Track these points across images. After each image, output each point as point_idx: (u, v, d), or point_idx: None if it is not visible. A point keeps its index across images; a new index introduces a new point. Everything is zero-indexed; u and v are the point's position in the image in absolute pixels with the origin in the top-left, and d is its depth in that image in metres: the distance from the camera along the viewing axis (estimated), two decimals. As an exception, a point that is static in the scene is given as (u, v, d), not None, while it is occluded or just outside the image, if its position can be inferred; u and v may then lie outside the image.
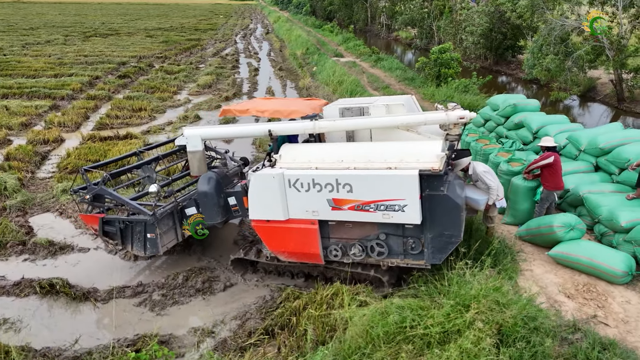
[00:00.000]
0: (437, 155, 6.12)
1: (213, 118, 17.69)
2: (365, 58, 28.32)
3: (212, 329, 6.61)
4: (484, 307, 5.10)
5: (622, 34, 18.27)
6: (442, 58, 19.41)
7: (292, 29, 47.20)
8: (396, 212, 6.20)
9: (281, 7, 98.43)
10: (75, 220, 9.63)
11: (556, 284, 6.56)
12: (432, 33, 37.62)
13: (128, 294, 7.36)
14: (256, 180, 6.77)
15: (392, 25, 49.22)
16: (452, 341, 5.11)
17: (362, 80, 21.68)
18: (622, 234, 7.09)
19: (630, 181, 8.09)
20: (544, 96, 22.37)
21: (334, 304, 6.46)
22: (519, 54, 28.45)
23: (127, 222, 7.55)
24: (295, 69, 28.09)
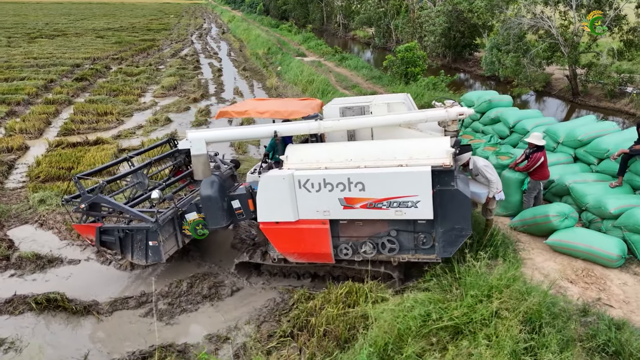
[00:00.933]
0: (446, 151, 6.29)
1: (185, 120, 17.30)
2: (329, 57, 28.46)
3: (227, 335, 6.50)
4: (507, 296, 5.31)
5: (575, 32, 19.33)
6: (409, 56, 19.83)
7: (249, 28, 46.73)
8: (409, 208, 6.32)
9: (233, 6, 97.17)
10: (59, 232, 9.18)
11: (557, 270, 6.90)
12: (390, 32, 38.35)
13: (132, 305, 7.11)
14: (265, 182, 6.72)
15: (348, 24, 49.74)
16: (477, 331, 5.29)
17: (330, 79, 21.79)
18: (610, 220, 7.54)
19: (610, 170, 8.60)
20: (501, 92, 23.29)
21: (349, 302, 6.51)
22: (476, 52, 29.47)
23: (127, 231, 7.29)
24: (259, 69, 27.87)
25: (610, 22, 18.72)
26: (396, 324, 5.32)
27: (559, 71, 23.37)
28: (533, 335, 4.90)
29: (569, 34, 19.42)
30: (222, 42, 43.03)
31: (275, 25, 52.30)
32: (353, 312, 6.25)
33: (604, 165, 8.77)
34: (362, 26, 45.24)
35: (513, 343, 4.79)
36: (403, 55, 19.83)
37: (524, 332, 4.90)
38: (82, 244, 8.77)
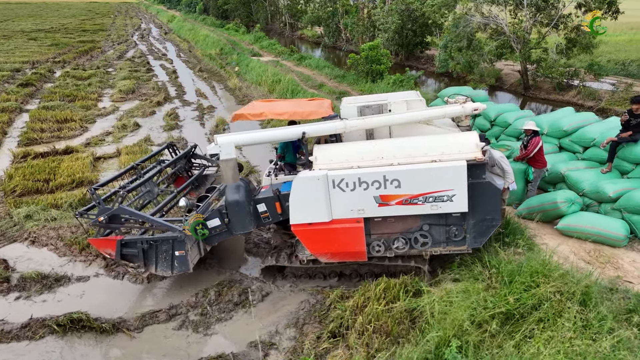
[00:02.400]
0: (477, 145, 6.56)
1: (154, 124, 16.67)
2: (286, 57, 28.38)
3: (270, 340, 6.41)
4: (555, 280, 5.65)
5: (526, 29, 20.56)
6: (373, 55, 20.22)
7: (195, 28, 45.58)
8: (444, 202, 6.53)
9: (168, 5, 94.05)
10: (56, 248, 8.61)
11: (571, 253, 7.39)
12: (340, 31, 38.83)
13: (162, 319, 6.83)
14: (299, 183, 6.69)
15: (295, 23, 49.79)
16: (527, 315, 5.60)
17: (294, 78, 21.75)
18: (609, 204, 8.17)
19: (596, 157, 9.29)
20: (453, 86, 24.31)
21: (389, 298, 6.62)
22: (427, 50, 30.52)
23: (152, 242, 6.97)
24: (216, 69, 27.29)
25: (557, 21, 20.14)
26: (458, 314, 5.49)
27: (508, 67, 24.76)
28: (588, 314, 5.24)
29: (520, 31, 20.61)
30: (168, 43, 41.66)
31: (220, 25, 51.30)
32: (397, 306, 6.38)
33: (589, 153, 9.45)
34: (310, 25, 45.47)
35: (572, 323, 5.09)
36: (367, 54, 20.18)
37: (579, 312, 5.23)
38: (85, 260, 8.28)
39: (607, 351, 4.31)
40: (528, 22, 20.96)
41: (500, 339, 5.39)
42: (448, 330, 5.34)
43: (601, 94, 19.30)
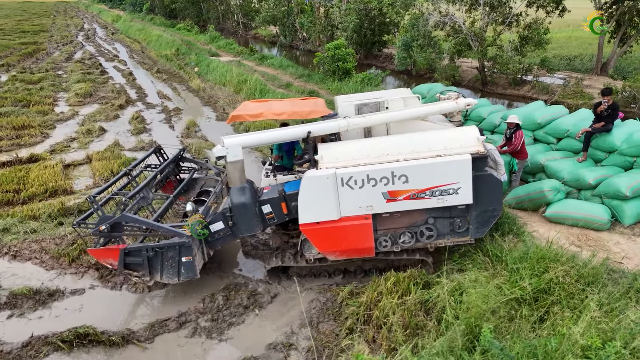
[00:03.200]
0: (478, 138, 6.82)
1: (120, 129, 16.07)
2: (246, 57, 28.09)
3: (287, 341, 6.40)
4: (563, 264, 5.98)
5: (482, 27, 21.43)
6: (339, 54, 20.40)
7: (145, 29, 44.11)
8: (450, 195, 6.75)
9: (110, 5, 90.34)
10: (41, 262, 8.15)
11: (562, 237, 7.82)
12: (296, 30, 38.83)
13: (172, 327, 6.64)
14: (308, 183, 6.70)
15: (248, 23, 49.28)
16: (540, 299, 5.90)
17: (260, 78, 21.58)
18: (589, 190, 8.70)
19: (570, 147, 9.86)
20: (414, 83, 24.97)
21: (400, 291, 6.76)
22: (384, 48, 31.10)
23: (157, 249, 6.75)
24: (174, 70, 26.60)
25: (511, 20, 21.13)
26: (478, 302, 5.70)
27: (465, 64, 25.68)
28: (596, 296, 5.59)
29: (477, 29, 21.46)
30: (117, 44, 40.11)
31: (170, 25, 49.93)
32: (410, 299, 6.53)
33: (563, 143, 10.01)
34: (264, 25, 45.16)
35: (595, 303, 5.38)
36: (333, 53, 20.33)
37: (591, 292, 5.58)
38: (76, 272, 7.91)
39: (633, 325, 4.62)
40: (484, 21, 21.85)
41: (516, 324, 5.64)
42: (472, 318, 5.53)
43: (553, 88, 20.41)
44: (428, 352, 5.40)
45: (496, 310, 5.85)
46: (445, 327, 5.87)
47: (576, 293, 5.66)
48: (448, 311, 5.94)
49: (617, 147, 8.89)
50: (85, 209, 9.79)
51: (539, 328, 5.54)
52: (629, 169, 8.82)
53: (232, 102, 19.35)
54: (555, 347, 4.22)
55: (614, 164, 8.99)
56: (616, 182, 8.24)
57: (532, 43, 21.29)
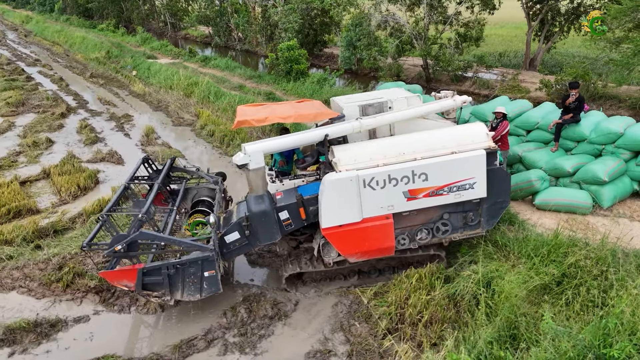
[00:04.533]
0: (487, 134, 7.14)
1: (69, 139, 14.91)
2: (187, 58, 27.08)
3: (324, 348, 6.31)
4: (581, 249, 6.43)
5: (425, 26, 22.31)
6: (292, 55, 20.30)
7: (64, 30, 41.13)
8: (466, 190, 7.01)
9: (14, 5, 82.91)
10: (29, 290, 7.39)
11: (554, 223, 8.37)
12: (230, 30, 38.08)
13: (201, 347, 6.30)
14: (330, 186, 6.65)
15: (177, 23, 47.51)
16: (562, 283, 6.32)
17: (210, 81, 20.91)
18: (567, 178, 9.38)
19: (540, 139, 10.55)
20: (360, 82, 25.48)
21: (424, 286, 6.91)
22: (325, 48, 31.37)
23: (179, 266, 6.36)
24: (111, 74, 25.04)
25: (450, 19, 22.21)
26: (515, 291, 5.96)
27: (407, 62, 26.52)
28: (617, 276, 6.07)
29: (420, 28, 22.30)
30: (34, 47, 37.00)
31: (90, 26, 46.90)
32: (437, 294, 6.69)
33: (533, 135, 10.70)
34: (195, 25, 43.77)
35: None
36: (287, 54, 20.19)
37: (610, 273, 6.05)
38: (73, 298, 7.25)
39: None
40: (425, 20, 22.75)
41: (546, 308, 5.99)
42: (515, 307, 5.78)
43: (493, 83, 21.72)
44: (474, 343, 5.58)
45: (525, 298, 6.19)
46: (481, 318, 6.09)
47: (598, 275, 6.11)
48: (482, 303, 6.17)
49: (586, 137, 9.65)
50: (60, 228, 9.05)
51: (569, 310, 5.93)
52: (598, 156, 9.63)
53: (185, 106, 18.63)
54: (628, 326, 4.51)
55: (584, 152, 9.74)
56: (593, 169, 8.95)
57: (470, 41, 22.53)
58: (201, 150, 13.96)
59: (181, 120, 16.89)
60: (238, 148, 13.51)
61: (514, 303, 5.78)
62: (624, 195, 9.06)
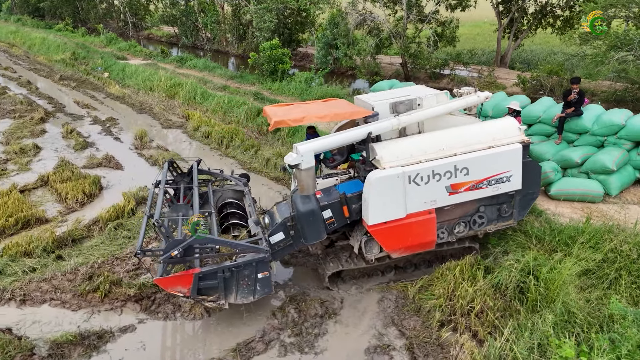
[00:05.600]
0: (519, 128, 7.42)
1: (57, 145, 14.28)
2: (161, 59, 26.39)
3: (381, 343, 6.39)
4: (616, 235, 6.80)
5: (404, 25, 22.73)
6: (276, 54, 20.19)
7: (19, 31, 39.11)
8: (504, 183, 7.26)
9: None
10: (62, 302, 7.06)
11: (572, 212, 8.80)
12: (198, 30, 37.40)
13: (260, 349, 6.24)
14: (377, 183, 6.73)
15: (139, 23, 46.13)
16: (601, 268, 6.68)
17: (193, 82, 20.47)
18: (575, 169, 9.85)
19: (542, 132, 11.04)
20: (334, 81, 25.56)
21: (466, 277, 7.11)
22: (299, 47, 31.34)
23: (234, 268, 6.25)
24: (82, 77, 24.06)
25: (429, 18, 22.72)
26: (567, 278, 6.24)
27: (384, 60, 26.92)
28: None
29: (400, 27, 22.70)
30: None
31: (46, 26, 44.83)
32: (482, 284, 6.91)
33: (535, 128, 11.17)
34: (158, 25, 42.72)
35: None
36: (270, 54, 20.05)
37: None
38: (112, 307, 6.99)
39: None
40: (405, 19, 23.17)
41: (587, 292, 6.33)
42: (570, 293, 6.06)
43: (470, 80, 22.39)
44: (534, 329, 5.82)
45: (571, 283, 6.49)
46: (532, 305, 6.35)
47: (636, 258, 6.49)
48: (532, 290, 6.42)
49: (589, 129, 10.16)
50: (78, 237, 8.70)
51: (613, 291, 6.29)
52: (600, 147, 10.16)
53: (170, 108, 18.21)
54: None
55: (587, 144, 10.26)
56: (602, 159, 9.45)
57: (446, 39, 23.15)
58: (199, 152, 13.68)
59: (170, 123, 16.48)
60: (238, 149, 13.41)
61: (569, 290, 6.05)
62: (628, 183, 9.62)
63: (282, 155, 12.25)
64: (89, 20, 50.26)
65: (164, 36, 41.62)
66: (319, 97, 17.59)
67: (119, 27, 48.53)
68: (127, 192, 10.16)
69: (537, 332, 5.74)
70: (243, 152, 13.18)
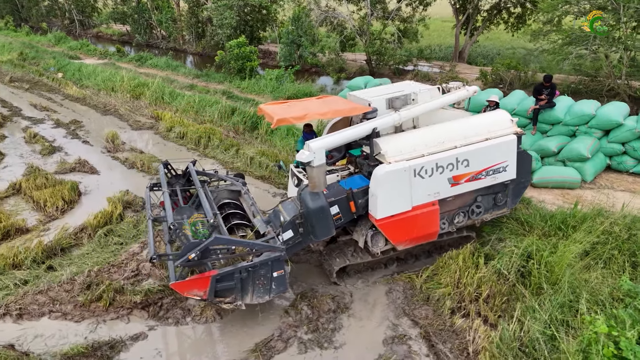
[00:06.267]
0: (512, 120, 7.75)
1: (21, 150, 13.53)
2: (117, 58, 25.46)
3: (396, 333, 6.52)
4: (607, 218, 7.26)
5: (368, 22, 23.04)
6: (244, 51, 19.95)
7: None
8: (500, 173, 7.58)
9: None
10: (63, 314, 6.72)
11: (554, 198, 9.30)
12: (152, 28, 36.35)
13: (280, 347, 6.22)
14: (385, 177, 6.85)
15: (86, 20, 44.24)
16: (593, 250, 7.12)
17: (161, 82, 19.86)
18: (552, 157, 10.40)
19: (518, 124, 11.54)
20: (298, 79, 25.54)
21: (471, 265, 7.38)
22: (260, 44, 31.07)
23: (250, 269, 6.18)
24: (33, 77, 22.81)
25: (392, 15, 23.16)
26: (564, 261, 6.61)
27: (349, 56, 27.12)
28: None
29: (364, 24, 23.00)
30: None
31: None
32: (486, 271, 7.19)
33: (510, 121, 11.67)
34: (108, 22, 41.10)
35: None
36: (238, 52, 19.80)
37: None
38: (117, 316, 6.73)
39: None
40: (369, 16, 23.47)
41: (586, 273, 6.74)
42: (574, 273, 6.42)
43: (433, 75, 23.02)
44: (544, 309, 6.13)
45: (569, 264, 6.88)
46: (536, 288, 6.69)
47: (626, 239, 6.97)
48: (535, 273, 6.76)
49: (561, 119, 10.76)
50: (66, 246, 8.33)
51: (612, 272, 6.73)
52: (572, 136, 10.77)
53: (136, 109, 17.62)
54: None
55: (559, 134, 10.86)
56: (577, 147, 10.04)
57: (409, 36, 23.68)
58: (176, 153, 13.34)
59: (139, 124, 15.96)
60: (217, 149, 13.20)
61: (573, 270, 6.42)
62: (601, 169, 10.28)
63: (265, 154, 12.22)
64: (30, 18, 47.67)
65: (114, 34, 40.10)
66: (291, 95, 17.62)
67: (65, 25, 46.37)
68: (112, 197, 9.77)
69: (548, 311, 6.04)
70: (223, 152, 12.98)
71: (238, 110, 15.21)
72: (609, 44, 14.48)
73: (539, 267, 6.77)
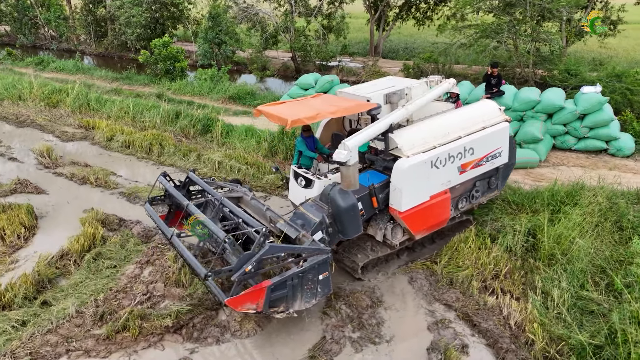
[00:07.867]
0: (500, 109, 8.39)
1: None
2: (12, 62, 22.61)
3: (437, 319, 6.77)
4: (588, 191, 8.21)
5: (291, 19, 23.06)
6: (171, 51, 18.88)
7: None
8: (496, 158, 8.19)
9: None
10: (86, 352, 5.94)
11: (522, 178, 10.22)
12: (38, 27, 32.81)
13: (336, 349, 6.14)
14: (409, 171, 7.07)
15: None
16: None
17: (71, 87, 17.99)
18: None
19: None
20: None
21: (480, 245, 7.90)
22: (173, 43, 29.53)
23: (301, 274, 5.98)
24: None
25: (315, 12, 23.43)
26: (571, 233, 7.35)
27: (271, 54, 26.82)
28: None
29: (289, 21, 22.96)
30: None
31: None
32: (496, 250, 7.75)
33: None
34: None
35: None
36: (166, 53, 18.66)
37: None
38: (150, 344, 6.13)
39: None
40: (291, 13, 23.46)
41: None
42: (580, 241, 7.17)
43: (357, 70, 23.77)
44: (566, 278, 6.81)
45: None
46: (547, 259, 7.37)
47: (610, 207, 7.94)
48: (547, 247, 7.44)
49: (510, 106, 11.82)
50: (52, 276, 7.40)
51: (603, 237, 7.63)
52: (520, 121, 11.89)
53: (57, 118, 15.89)
54: None
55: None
56: (531, 130, 11.13)
57: (335, 32, 24.16)
58: (128, 163, 12.34)
59: (68, 135, 14.41)
60: (175, 156, 12.49)
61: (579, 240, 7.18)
62: (549, 149, 11.49)
63: (232, 157, 11.78)
64: None
65: (-9, 36, 35.37)
66: (233, 95, 17.11)
67: None
68: (85, 217, 8.80)
69: (572, 275, 6.71)
70: (182, 158, 12.26)
71: (184, 114, 14.42)
72: (517, 37, 16.16)
73: (547, 240, 7.46)
